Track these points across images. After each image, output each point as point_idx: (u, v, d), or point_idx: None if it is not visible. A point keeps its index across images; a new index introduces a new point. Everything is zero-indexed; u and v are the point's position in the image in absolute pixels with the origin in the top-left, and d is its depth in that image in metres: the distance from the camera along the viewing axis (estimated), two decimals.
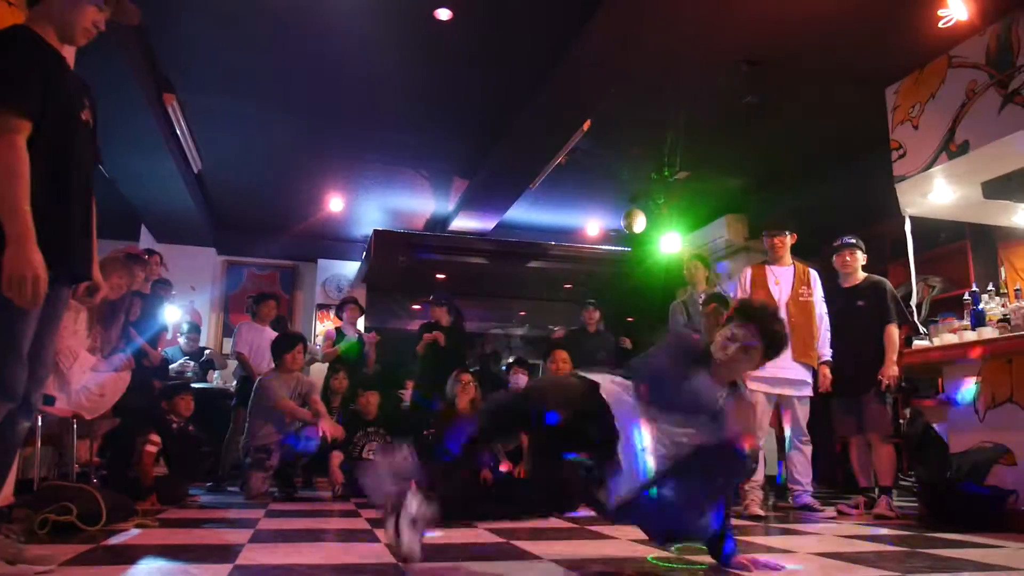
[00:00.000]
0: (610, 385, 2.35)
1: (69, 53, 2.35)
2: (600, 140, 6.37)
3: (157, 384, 5.23)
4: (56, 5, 2.16)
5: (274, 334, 6.11)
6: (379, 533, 3.14)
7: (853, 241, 4.71)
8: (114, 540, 2.82)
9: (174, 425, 4.73)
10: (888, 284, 4.66)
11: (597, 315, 6.84)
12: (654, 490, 2.22)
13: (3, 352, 1.96)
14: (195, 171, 7.31)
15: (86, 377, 3.85)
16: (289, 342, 5.44)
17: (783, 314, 4.47)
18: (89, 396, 3.85)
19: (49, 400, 3.55)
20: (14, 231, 1.90)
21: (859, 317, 4.57)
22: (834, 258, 4.76)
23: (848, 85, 5.41)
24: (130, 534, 3.00)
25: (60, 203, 2.07)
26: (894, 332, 4.47)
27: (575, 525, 3.61)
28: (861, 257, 4.71)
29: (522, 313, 12.47)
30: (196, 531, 3.27)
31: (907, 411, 5.35)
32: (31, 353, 2.04)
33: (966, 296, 4.49)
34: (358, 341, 6.72)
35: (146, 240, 8.63)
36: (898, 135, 5.05)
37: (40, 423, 3.43)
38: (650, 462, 2.20)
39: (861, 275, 4.71)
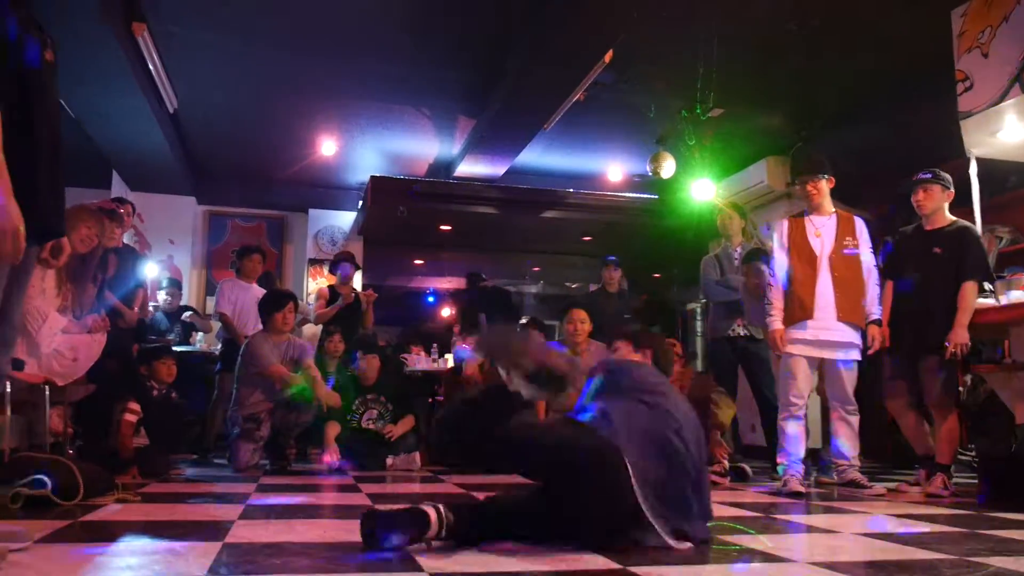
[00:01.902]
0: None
1: None
2: (623, 73, 6.27)
3: (135, 347, 5.29)
4: None
5: (261, 291, 6.14)
6: (379, 508, 3.18)
7: (929, 176, 4.46)
8: (93, 516, 2.87)
9: (154, 392, 4.79)
10: (976, 231, 4.43)
11: (618, 274, 6.86)
12: None
13: None
14: (170, 110, 7.27)
15: (57, 340, 3.89)
16: (279, 301, 5.47)
17: (826, 270, 4.43)
18: (61, 360, 3.90)
19: (18, 364, 3.59)
20: None
21: (932, 267, 4.37)
22: (911, 198, 4.59)
23: (905, 7, 5.27)
24: (110, 509, 3.06)
25: (26, 152, 2.07)
26: (971, 291, 4.24)
27: None
28: (942, 195, 4.45)
29: (536, 268, 12.47)
30: (181, 506, 3.34)
31: (968, 378, 5.32)
32: None
33: None
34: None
35: (118, 188, 8.63)
36: (964, 65, 4.94)
37: (8, 389, 3.47)
38: None
39: (947, 218, 4.47)
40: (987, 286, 4.55)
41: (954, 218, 4.48)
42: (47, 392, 3.86)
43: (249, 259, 6.42)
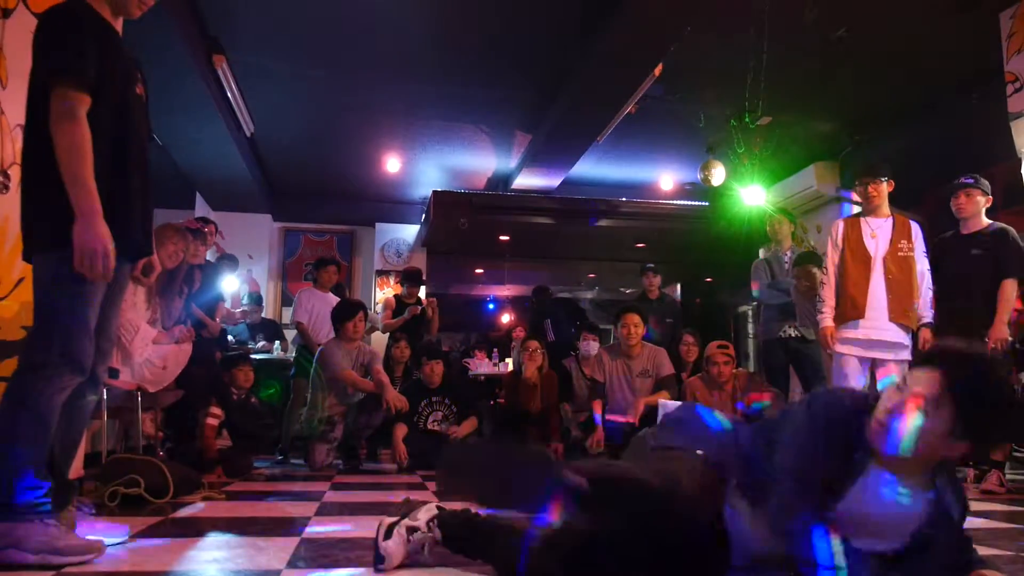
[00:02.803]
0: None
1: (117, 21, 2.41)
2: (673, 86, 6.21)
3: (218, 355, 5.42)
4: None
5: (336, 300, 6.25)
6: (445, 506, 3.20)
7: (971, 181, 4.44)
8: (182, 512, 2.96)
9: (234, 397, 4.90)
10: (1014, 233, 4.36)
11: (658, 280, 6.82)
12: None
13: (73, 327, 2.06)
14: (247, 135, 7.46)
15: (148, 350, 4.01)
16: (350, 310, 5.55)
17: (879, 270, 4.32)
18: (152, 369, 4.02)
19: (114, 373, 3.72)
20: (83, 206, 1.99)
21: (972, 268, 4.34)
22: (951, 201, 4.54)
23: (954, 11, 5.11)
24: (197, 507, 3.14)
25: (120, 178, 2.15)
26: (1011, 288, 4.22)
27: None
28: (982, 200, 4.44)
29: (591, 276, 12.41)
30: (262, 504, 3.41)
31: (1022, 376, 5.11)
32: (96, 328, 2.14)
33: None
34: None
35: (201, 208, 8.89)
36: (1014, 66, 4.76)
37: (105, 396, 3.60)
38: None
39: (984, 221, 4.44)
40: None
41: (990, 220, 4.40)
42: (139, 398, 3.98)
43: (325, 270, 6.54)
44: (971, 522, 2.92)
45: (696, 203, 9.26)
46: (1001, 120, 4.78)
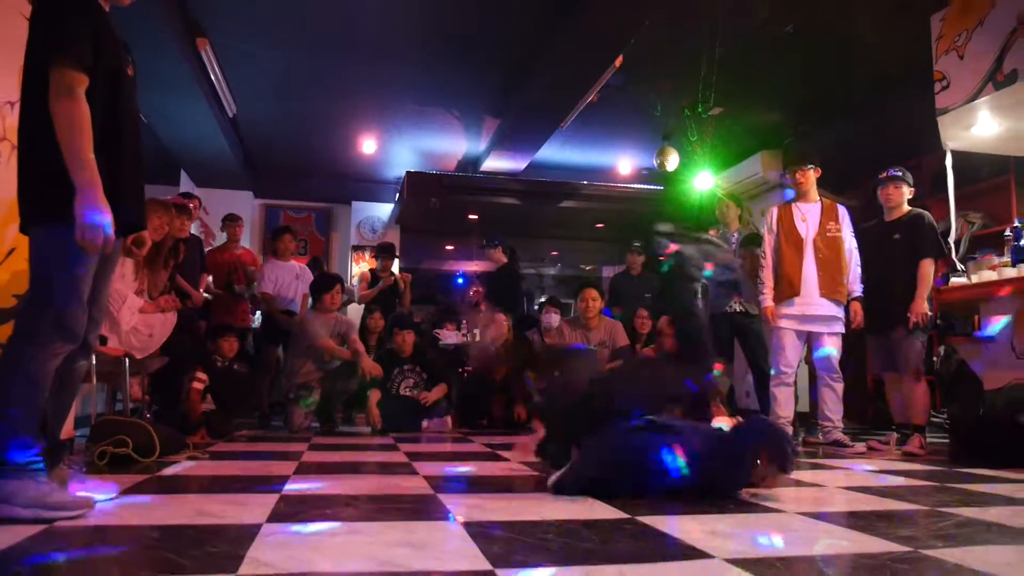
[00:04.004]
0: None
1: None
2: (632, 76, 6.23)
3: (202, 324, 5.36)
4: None
5: (296, 267, 6.18)
6: (416, 465, 3.24)
7: (899, 173, 4.52)
8: (168, 471, 2.95)
9: (218, 364, 4.87)
10: (929, 217, 4.46)
11: (641, 259, 6.88)
12: None
13: (68, 296, 2.04)
14: (230, 115, 7.33)
15: (135, 319, 3.96)
16: (328, 282, 5.53)
17: (810, 251, 4.43)
18: (139, 336, 3.97)
19: (103, 340, 3.67)
20: (83, 180, 1.96)
21: (893, 251, 4.43)
22: (879, 191, 4.62)
23: (890, 13, 5.18)
24: (183, 465, 3.14)
25: (113, 155, 2.12)
26: (928, 267, 4.32)
27: None
28: (907, 191, 4.52)
29: (554, 253, 12.45)
30: (243, 463, 3.41)
31: (941, 348, 5.27)
32: (89, 297, 2.12)
33: (1007, 232, 4.36)
34: None
35: (186, 184, 8.73)
36: (942, 65, 4.85)
37: (95, 362, 3.56)
38: None
39: (905, 208, 4.54)
40: (959, 266, 4.54)
41: (909, 207, 4.50)
42: (127, 364, 3.94)
43: (281, 240, 6.28)
44: (892, 480, 3.03)
45: (652, 187, 9.32)
46: (929, 115, 4.88)
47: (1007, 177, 5.73)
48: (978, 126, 4.80)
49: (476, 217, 10.01)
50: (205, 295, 5.87)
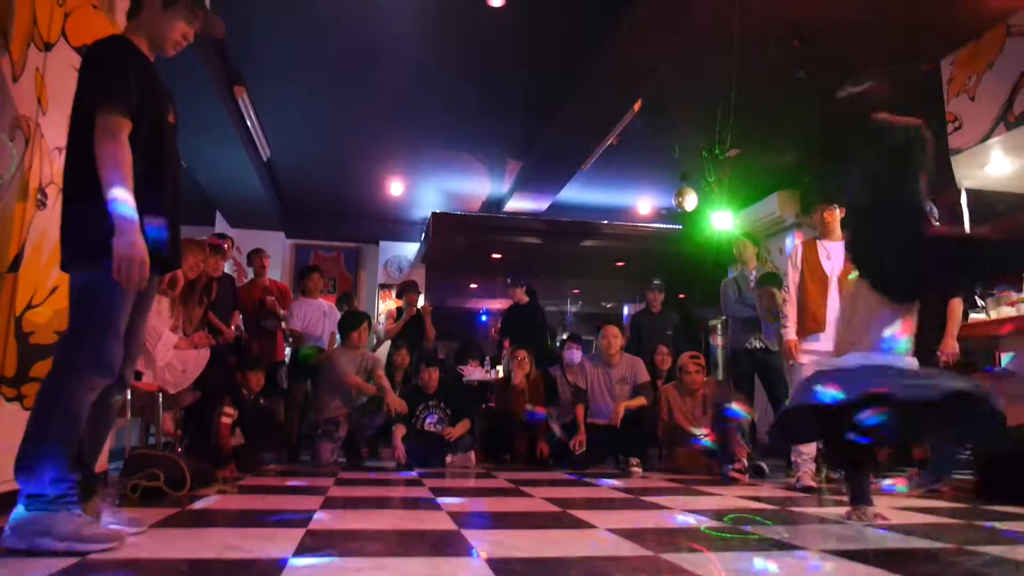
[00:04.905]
0: None
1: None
2: (651, 120, 6.26)
3: (232, 360, 5.39)
4: (150, 19, 2.27)
5: (324, 304, 6.20)
6: (440, 500, 3.20)
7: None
8: (198, 504, 2.94)
9: (246, 397, 4.88)
10: None
11: (661, 296, 6.85)
12: None
13: (105, 331, 2.06)
14: (264, 159, 7.47)
15: (170, 354, 4.00)
16: (356, 320, 5.55)
17: (835, 289, 4.36)
18: (172, 372, 4.00)
19: (138, 376, 3.71)
20: (123, 219, 2.00)
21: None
22: None
23: (901, 56, 5.18)
24: (212, 499, 3.12)
25: (154, 197, 2.16)
26: (957, 305, 4.23)
27: (630, 496, 3.61)
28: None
29: (575, 291, 12.44)
30: (271, 497, 3.39)
31: None
32: (126, 333, 2.14)
33: None
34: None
35: (221, 224, 8.88)
36: (954, 107, 4.83)
37: (130, 397, 3.58)
38: None
39: None
40: (979, 302, 4.46)
41: None
42: (161, 399, 3.96)
43: (310, 278, 6.34)
44: (918, 518, 2.93)
45: (671, 226, 9.31)
46: (943, 155, 4.85)
47: (1021, 215, 5.64)
48: (991, 165, 4.76)
49: (499, 256, 10.05)
50: (236, 331, 5.91)
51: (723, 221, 7.16)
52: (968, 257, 2.55)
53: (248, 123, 6.41)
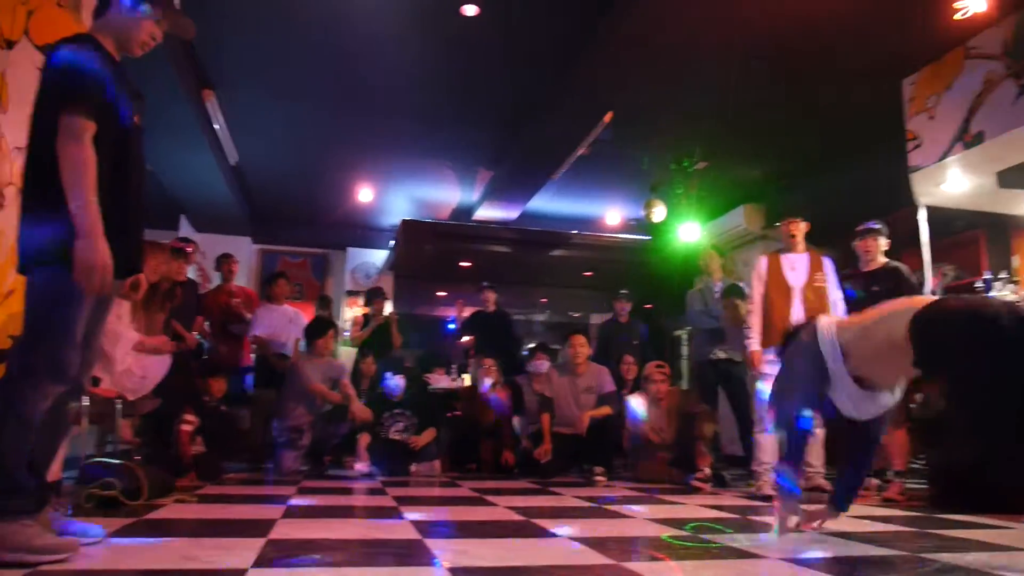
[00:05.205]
0: None
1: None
2: (622, 132, 6.33)
3: (194, 366, 5.30)
4: (117, 19, 2.24)
5: (290, 311, 6.12)
6: (404, 510, 3.18)
7: (877, 227, 4.55)
8: (155, 514, 2.88)
9: (208, 404, 4.80)
10: (905, 269, 4.49)
11: (628, 306, 6.89)
12: None
13: (62, 337, 2.01)
14: (232, 163, 7.38)
15: (128, 359, 3.92)
16: (321, 328, 5.50)
17: (799, 300, 4.43)
18: (132, 377, 3.92)
19: (95, 382, 3.62)
20: (85, 223, 1.96)
21: (873, 301, 4.47)
22: (857, 243, 4.63)
23: (865, 77, 5.31)
24: (170, 509, 3.06)
25: (119, 200, 2.12)
26: None
27: (594, 504, 3.63)
28: (883, 243, 4.55)
29: (544, 300, 12.48)
30: (232, 507, 3.34)
31: (918, 396, 5.26)
32: (83, 339, 2.10)
33: (979, 284, 4.41)
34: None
35: (185, 229, 8.75)
36: (914, 126, 4.96)
37: (87, 403, 3.50)
38: None
39: (881, 260, 4.57)
40: None
41: (887, 259, 4.52)
42: (119, 406, 3.88)
43: (276, 284, 6.22)
44: (873, 526, 2.99)
45: (639, 237, 9.40)
46: (903, 172, 4.97)
47: (977, 232, 5.82)
48: (949, 183, 4.89)
49: (469, 264, 10.04)
50: (199, 338, 5.82)
51: (690, 233, 7.26)
52: None
53: (216, 127, 6.33)
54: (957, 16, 4.27)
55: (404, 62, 5.45)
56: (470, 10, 4.74)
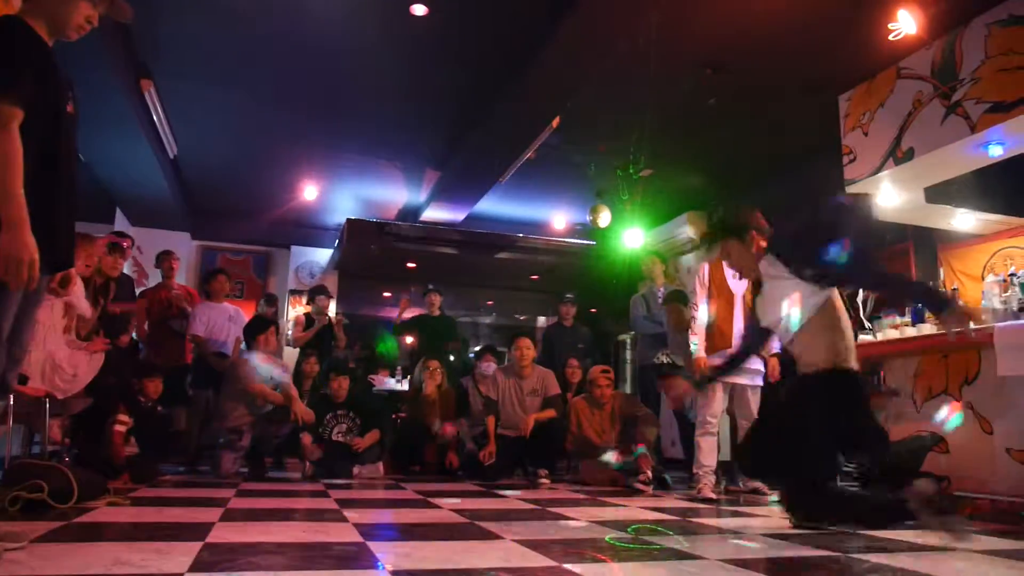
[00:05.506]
0: None
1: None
2: (569, 137, 6.39)
3: (129, 366, 5.13)
4: (51, 1, 2.13)
5: (230, 309, 6.00)
6: (346, 512, 3.14)
7: None
8: (86, 517, 2.77)
9: (143, 403, 4.66)
10: None
11: (573, 310, 6.94)
12: None
13: None
14: (171, 156, 7.17)
15: (59, 356, 3.77)
16: (262, 326, 5.39)
17: (740, 306, 4.54)
18: (62, 375, 3.77)
19: (22, 380, 3.47)
20: (10, 216, 1.87)
21: None
22: None
23: (804, 92, 5.49)
24: (102, 512, 2.95)
25: (48, 192, 2.04)
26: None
27: (537, 507, 3.64)
28: None
29: (490, 303, 12.48)
30: (167, 509, 3.23)
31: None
32: (10, 336, 2.01)
33: None
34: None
35: (120, 223, 8.44)
36: (849, 140, 5.15)
37: (12, 402, 3.35)
38: None
39: None
40: (867, 324, 4.74)
41: None
42: (47, 405, 3.72)
43: (215, 280, 6.09)
44: (808, 526, 3.08)
45: (585, 242, 9.48)
46: (839, 185, 5.15)
47: (907, 244, 6.06)
48: (881, 196, 5.09)
49: (414, 265, 9.98)
50: (133, 336, 5.64)
51: (634, 238, 7.36)
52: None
53: (154, 118, 6.14)
54: (891, 37, 4.45)
55: (352, 59, 5.39)
56: (419, 10, 4.71)
